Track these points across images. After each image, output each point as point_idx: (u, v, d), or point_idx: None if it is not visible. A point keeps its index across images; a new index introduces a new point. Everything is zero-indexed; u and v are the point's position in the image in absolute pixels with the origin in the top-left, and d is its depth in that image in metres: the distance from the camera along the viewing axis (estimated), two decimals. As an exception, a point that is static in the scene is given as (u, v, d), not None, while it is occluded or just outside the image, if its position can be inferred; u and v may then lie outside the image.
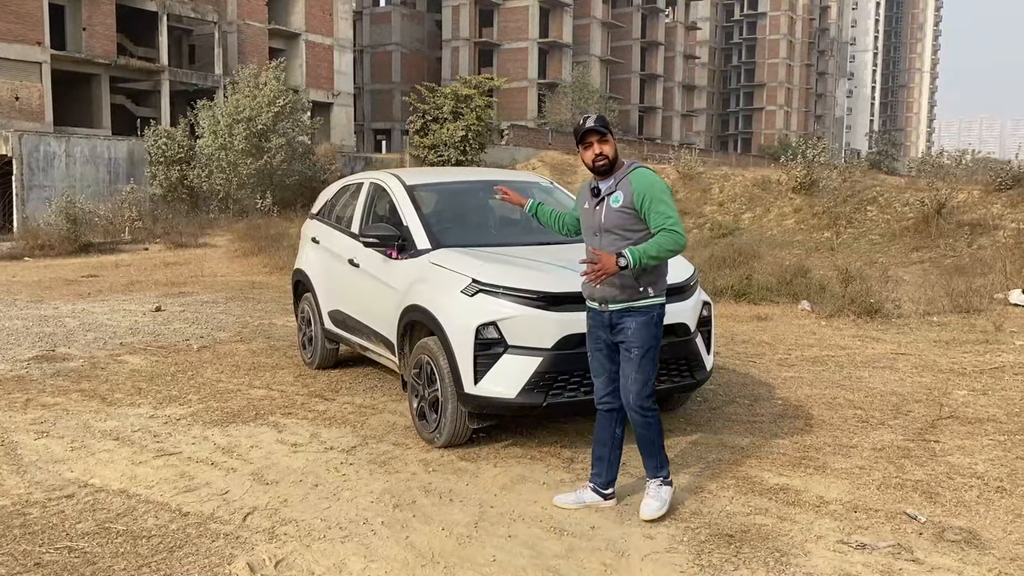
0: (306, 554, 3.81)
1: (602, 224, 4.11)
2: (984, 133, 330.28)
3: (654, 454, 4.23)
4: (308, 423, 5.81)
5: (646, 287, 4.08)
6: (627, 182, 4.08)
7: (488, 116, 32.40)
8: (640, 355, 4.08)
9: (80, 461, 5.05)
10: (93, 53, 34.16)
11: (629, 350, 4.09)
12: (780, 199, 22.70)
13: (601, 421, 4.35)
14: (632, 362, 4.09)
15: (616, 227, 4.07)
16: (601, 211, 4.12)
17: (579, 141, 4.15)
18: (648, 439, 4.20)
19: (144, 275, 15.31)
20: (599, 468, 4.36)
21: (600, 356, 4.26)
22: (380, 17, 63.43)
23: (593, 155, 4.11)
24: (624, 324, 4.09)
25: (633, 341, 4.08)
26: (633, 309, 4.08)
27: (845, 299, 10.22)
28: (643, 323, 4.08)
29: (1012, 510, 4.25)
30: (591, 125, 4.10)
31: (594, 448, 4.39)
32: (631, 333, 4.07)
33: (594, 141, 4.10)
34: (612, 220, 4.08)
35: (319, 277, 7.28)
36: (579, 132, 4.14)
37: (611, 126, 4.20)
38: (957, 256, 15.74)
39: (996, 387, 6.63)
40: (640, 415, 4.14)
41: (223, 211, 27.41)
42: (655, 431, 4.19)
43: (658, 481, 4.25)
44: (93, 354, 8.07)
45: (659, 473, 4.25)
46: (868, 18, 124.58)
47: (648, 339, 4.08)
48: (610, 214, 4.08)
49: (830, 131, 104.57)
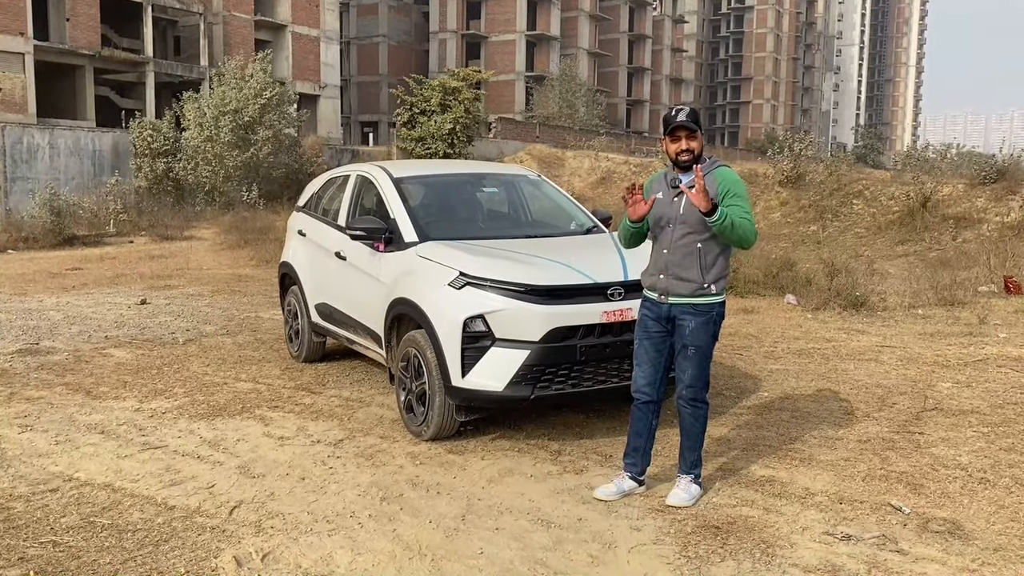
0: (293, 547, 3.80)
1: (680, 215, 4.13)
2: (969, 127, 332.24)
3: (695, 447, 4.29)
4: (295, 416, 5.79)
5: (710, 283, 4.12)
6: (712, 178, 4.10)
7: (476, 109, 32.29)
8: (696, 354, 4.15)
9: (65, 455, 5.02)
10: (77, 44, 33.81)
11: (687, 347, 4.15)
12: (767, 192, 22.76)
13: (637, 413, 4.36)
14: (690, 359, 4.16)
15: (695, 221, 4.08)
16: (680, 203, 4.14)
17: (667, 132, 4.17)
18: (694, 432, 4.26)
19: (129, 268, 15.21)
20: (635, 458, 4.40)
21: (648, 345, 4.27)
22: (367, 9, 63.10)
23: (679, 149, 4.12)
24: (684, 322, 4.14)
25: (691, 340, 4.13)
26: (693, 306, 4.13)
27: (831, 292, 10.27)
28: (703, 323, 4.13)
29: (995, 501, 4.28)
30: (683, 120, 4.11)
31: (630, 440, 4.41)
32: (689, 332, 4.13)
33: (683, 136, 4.12)
34: (692, 214, 4.07)
35: (306, 270, 7.26)
36: (668, 124, 4.16)
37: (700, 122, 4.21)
38: (942, 249, 15.85)
39: (980, 379, 6.68)
40: (691, 407, 4.22)
41: (209, 204, 27.23)
42: (701, 424, 4.27)
43: (690, 477, 4.31)
44: (78, 347, 8.01)
45: (693, 470, 4.31)
46: (854, 12, 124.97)
47: (707, 339, 4.15)
48: (690, 207, 4.08)
49: (816, 125, 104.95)
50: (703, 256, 4.13)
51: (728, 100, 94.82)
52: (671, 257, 4.16)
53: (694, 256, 4.13)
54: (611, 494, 4.34)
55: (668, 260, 4.17)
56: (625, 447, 4.45)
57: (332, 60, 45.61)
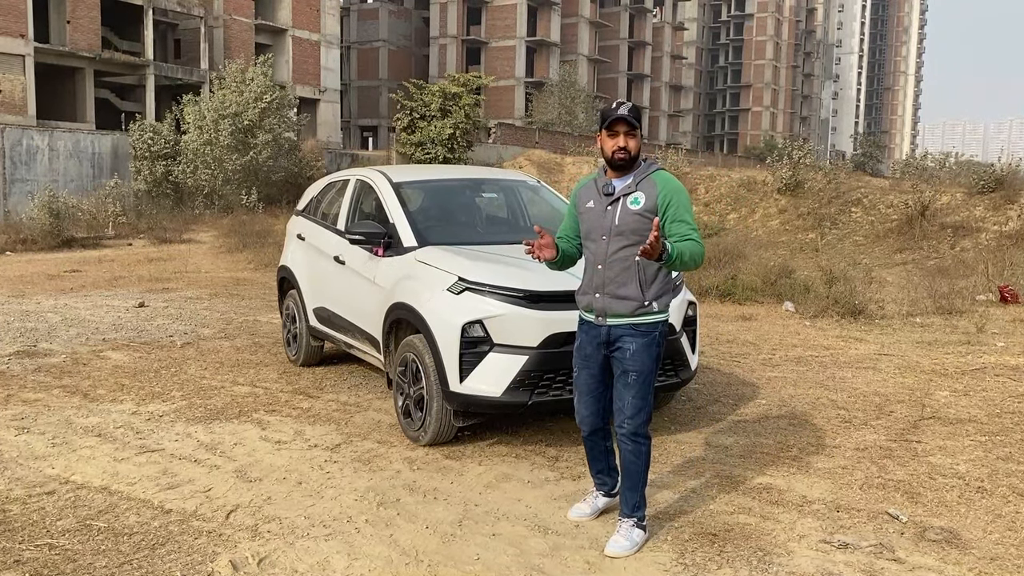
0: (289, 552, 3.79)
1: (615, 226, 3.69)
2: (967, 136, 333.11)
3: (636, 488, 3.84)
4: (292, 420, 5.79)
5: (651, 300, 3.71)
6: (651, 184, 3.69)
7: (476, 114, 32.32)
8: (638, 380, 3.72)
9: (61, 457, 5.00)
10: (77, 47, 33.85)
11: (627, 373, 3.72)
12: (765, 200, 22.80)
13: (588, 443, 4.09)
14: (630, 387, 3.73)
15: (631, 231, 3.66)
16: (615, 212, 3.70)
17: (605, 126, 3.70)
18: (635, 469, 3.82)
19: (127, 270, 15.20)
20: (602, 479, 4.19)
21: (587, 375, 3.90)
22: (367, 13, 63.23)
23: (616, 146, 3.68)
24: (624, 344, 3.72)
25: (632, 365, 3.71)
26: (634, 327, 3.71)
27: (829, 300, 10.29)
28: (645, 344, 3.71)
29: (992, 510, 4.28)
30: (623, 113, 3.66)
31: (591, 465, 4.18)
32: (630, 356, 3.71)
33: (622, 132, 3.67)
34: (628, 223, 3.66)
35: (304, 274, 7.26)
36: (607, 117, 3.69)
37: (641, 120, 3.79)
38: (940, 258, 15.87)
39: (977, 388, 6.69)
40: (632, 442, 3.78)
41: (208, 207, 27.27)
42: (643, 462, 3.82)
43: (632, 521, 3.85)
44: (75, 350, 8.01)
45: (636, 513, 3.86)
46: (854, 20, 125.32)
47: (649, 363, 3.72)
48: (626, 216, 3.67)
49: (815, 132, 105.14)
50: (642, 270, 3.68)
51: (727, 107, 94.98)
52: (607, 273, 3.72)
53: (632, 271, 3.68)
54: (585, 515, 4.15)
55: (604, 277, 3.73)
56: (589, 470, 4.25)
57: (332, 64, 45.70)
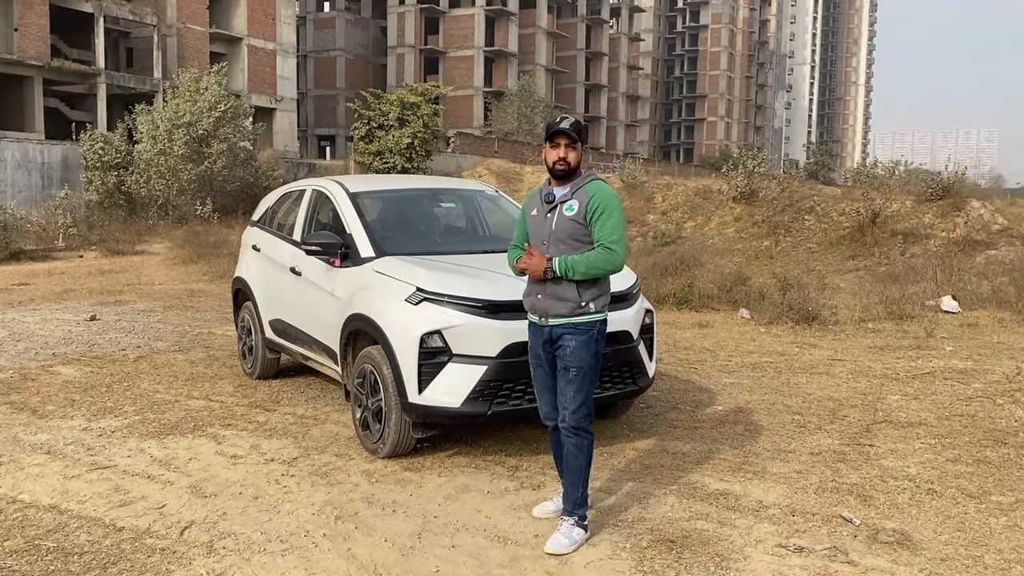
0: (245, 568, 3.74)
1: (553, 232, 3.97)
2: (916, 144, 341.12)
3: (577, 484, 4.01)
4: (248, 434, 5.71)
5: (588, 302, 3.94)
6: (584, 192, 3.96)
7: (434, 123, 32.27)
8: (578, 376, 3.95)
9: (9, 476, 4.88)
10: (25, 55, 33.10)
11: (567, 369, 3.96)
12: (721, 208, 23.07)
13: (552, 439, 4.21)
14: (571, 382, 3.96)
15: (568, 236, 3.94)
16: (553, 219, 3.99)
17: (548, 138, 4.01)
18: (577, 466, 4.00)
19: (78, 283, 14.88)
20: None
21: (542, 372, 4.13)
22: (324, 22, 62.87)
23: (556, 157, 3.97)
24: (564, 343, 3.96)
25: (571, 361, 3.95)
26: (573, 326, 3.94)
27: (783, 306, 10.44)
28: (583, 342, 3.94)
29: (942, 511, 4.38)
30: (565, 127, 3.96)
31: (556, 465, 4.26)
32: (570, 352, 3.94)
33: (563, 143, 3.96)
34: (564, 229, 3.95)
35: (260, 285, 7.18)
36: (550, 130, 4.01)
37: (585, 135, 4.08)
38: (891, 264, 16.19)
39: (927, 392, 6.84)
40: (574, 435, 3.98)
41: (162, 218, 26.78)
42: (585, 457, 4.01)
43: (572, 520, 3.99)
44: (23, 365, 7.81)
45: (577, 510, 4.01)
46: (806, 32, 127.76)
47: (587, 359, 3.96)
48: (562, 222, 3.96)
49: (769, 142, 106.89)
50: None
51: (683, 117, 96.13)
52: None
53: None
54: (549, 512, 4.26)
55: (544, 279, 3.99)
56: (556, 469, 4.32)
57: (289, 73, 45.34)
